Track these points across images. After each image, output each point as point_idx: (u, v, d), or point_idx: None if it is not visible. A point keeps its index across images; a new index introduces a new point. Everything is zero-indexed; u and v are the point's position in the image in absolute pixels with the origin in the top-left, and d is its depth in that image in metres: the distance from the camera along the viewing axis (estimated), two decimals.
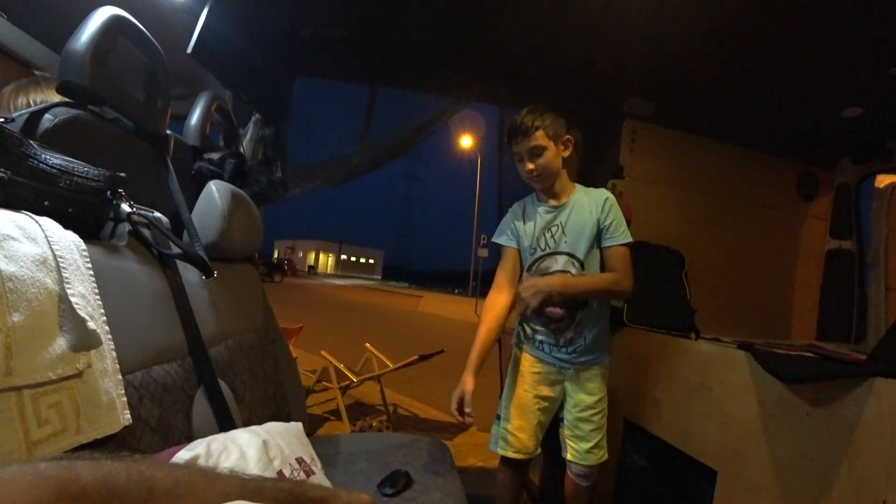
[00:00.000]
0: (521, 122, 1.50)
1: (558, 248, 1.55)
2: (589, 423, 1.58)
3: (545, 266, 1.57)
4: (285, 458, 0.84)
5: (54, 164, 0.75)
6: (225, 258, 1.28)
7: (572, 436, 1.59)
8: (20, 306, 0.59)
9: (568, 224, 1.55)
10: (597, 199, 1.59)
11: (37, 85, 1.09)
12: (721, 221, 2.40)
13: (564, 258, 1.54)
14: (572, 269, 1.53)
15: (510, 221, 1.65)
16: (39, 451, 0.59)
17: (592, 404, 1.58)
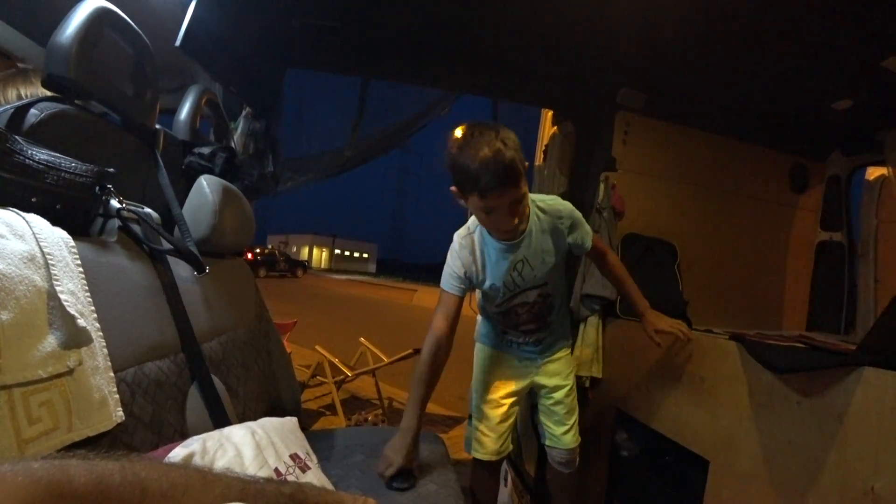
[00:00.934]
0: (507, 166, 1.15)
1: (526, 285, 1.45)
2: (562, 405, 1.61)
3: (517, 303, 1.49)
4: (280, 455, 0.84)
5: (41, 160, 0.74)
6: (217, 253, 1.27)
7: (549, 421, 1.62)
8: (8, 304, 0.59)
9: (531, 256, 1.39)
10: (554, 217, 1.42)
11: (24, 77, 1.07)
12: (713, 213, 2.42)
13: (535, 292, 1.47)
14: (539, 297, 1.49)
15: (460, 269, 1.39)
16: (31, 450, 0.58)
17: (563, 387, 1.61)
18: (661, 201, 2.31)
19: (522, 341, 1.57)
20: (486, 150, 1.14)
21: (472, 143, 1.17)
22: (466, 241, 1.39)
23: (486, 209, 1.22)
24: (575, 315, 2.12)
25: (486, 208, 1.21)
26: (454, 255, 1.41)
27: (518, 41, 1.89)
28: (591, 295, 2.03)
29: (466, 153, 1.17)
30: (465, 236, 1.40)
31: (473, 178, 1.16)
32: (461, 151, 1.18)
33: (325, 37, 1.87)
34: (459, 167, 1.19)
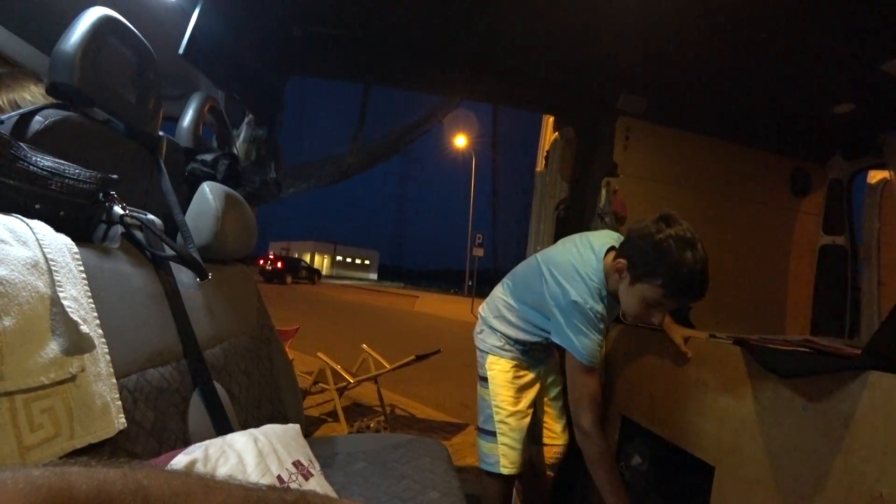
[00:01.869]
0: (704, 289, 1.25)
1: None
2: (560, 400, 1.68)
3: None
4: (283, 462, 0.83)
5: (45, 167, 0.74)
6: (219, 260, 1.27)
7: (549, 418, 1.64)
8: (11, 310, 0.59)
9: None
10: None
11: (14, 79, 1.07)
12: (714, 218, 2.41)
13: None
14: None
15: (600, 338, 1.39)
16: (32, 457, 0.58)
17: (560, 380, 1.66)
18: (662, 206, 2.28)
19: (543, 353, 1.57)
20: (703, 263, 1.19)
21: (688, 242, 1.19)
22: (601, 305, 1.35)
23: (661, 307, 1.25)
24: None
25: (664, 306, 1.25)
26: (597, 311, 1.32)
27: (519, 47, 1.90)
28: None
29: (683, 248, 1.17)
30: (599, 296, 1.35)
31: (687, 283, 1.18)
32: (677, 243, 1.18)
33: (326, 44, 1.88)
34: (680, 264, 1.17)
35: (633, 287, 1.22)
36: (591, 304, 1.29)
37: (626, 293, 1.25)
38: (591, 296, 1.29)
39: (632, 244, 1.24)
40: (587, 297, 1.29)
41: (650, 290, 1.19)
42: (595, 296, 1.30)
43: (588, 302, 1.29)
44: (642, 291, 1.20)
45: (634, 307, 1.25)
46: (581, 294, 1.29)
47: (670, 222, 1.21)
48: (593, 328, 1.29)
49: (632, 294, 1.23)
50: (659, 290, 1.18)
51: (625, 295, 1.26)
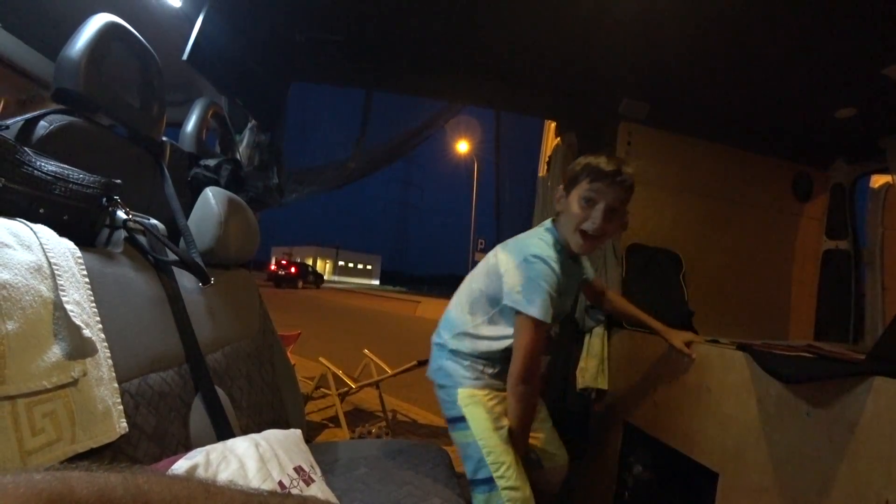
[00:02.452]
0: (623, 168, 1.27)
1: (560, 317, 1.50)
2: (547, 421, 1.65)
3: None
4: (284, 467, 0.83)
5: (49, 171, 0.75)
6: (221, 264, 1.27)
7: (541, 441, 1.57)
8: (14, 314, 0.59)
9: (574, 285, 1.49)
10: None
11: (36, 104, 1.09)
12: (717, 223, 2.41)
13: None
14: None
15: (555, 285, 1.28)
16: (34, 461, 0.58)
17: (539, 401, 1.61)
18: (664, 211, 2.30)
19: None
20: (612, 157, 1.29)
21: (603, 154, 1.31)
22: (556, 258, 1.29)
23: (590, 196, 1.26)
24: (580, 326, 2.11)
25: (590, 194, 1.26)
26: (550, 263, 1.27)
27: (521, 53, 1.90)
28: (595, 306, 2.02)
29: (598, 155, 1.30)
30: (552, 248, 1.31)
31: (594, 163, 1.27)
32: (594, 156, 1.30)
33: (328, 50, 1.89)
34: (580, 163, 1.30)
35: (569, 197, 1.32)
36: (547, 253, 1.28)
37: (567, 206, 1.32)
38: (547, 247, 1.31)
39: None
40: (542, 249, 1.29)
41: (580, 188, 1.28)
42: (550, 247, 1.31)
43: (544, 251, 1.28)
44: (577, 193, 1.29)
45: (576, 210, 1.29)
46: (536, 248, 1.30)
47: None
48: (547, 281, 1.24)
49: (570, 203, 1.31)
50: (585, 182, 1.28)
51: (566, 209, 1.32)
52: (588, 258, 2.08)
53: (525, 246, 1.32)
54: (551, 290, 1.25)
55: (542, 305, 1.23)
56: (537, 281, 1.24)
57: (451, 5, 1.62)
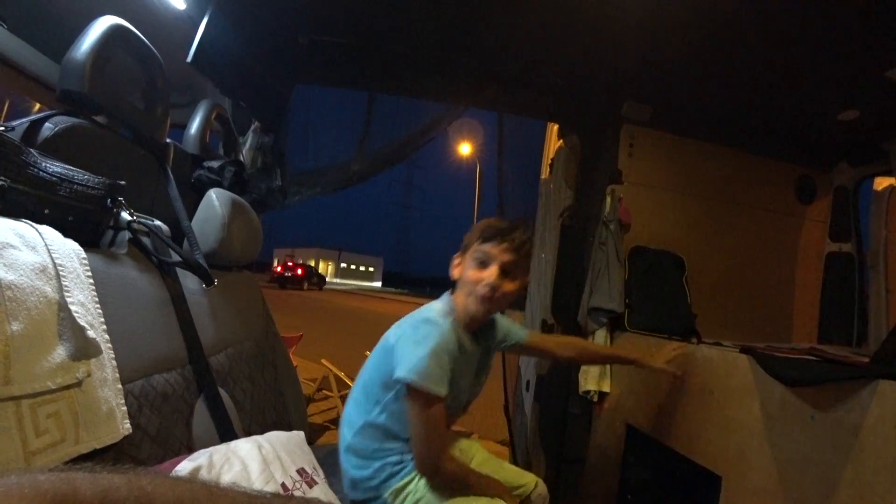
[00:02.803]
0: (518, 229, 1.21)
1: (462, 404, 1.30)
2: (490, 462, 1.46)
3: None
4: (287, 469, 0.83)
5: (54, 172, 0.75)
6: (224, 266, 1.28)
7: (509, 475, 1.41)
8: (19, 315, 0.59)
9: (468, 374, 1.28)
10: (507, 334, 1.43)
11: None
12: (720, 225, 2.40)
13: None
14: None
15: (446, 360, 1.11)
16: (37, 462, 0.58)
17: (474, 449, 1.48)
18: (667, 213, 2.30)
19: None
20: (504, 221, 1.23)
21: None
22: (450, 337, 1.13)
23: (483, 258, 1.19)
24: (582, 329, 2.10)
25: (483, 255, 1.19)
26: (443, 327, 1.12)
27: (523, 55, 1.90)
28: (598, 308, 2.02)
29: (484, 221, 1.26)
30: (447, 331, 1.13)
31: (483, 224, 1.23)
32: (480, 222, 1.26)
33: (331, 53, 1.90)
34: (474, 228, 1.24)
35: (465, 261, 1.24)
36: (439, 319, 1.16)
37: (464, 271, 1.24)
38: (439, 315, 1.19)
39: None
40: (435, 314, 1.18)
41: (473, 249, 1.22)
42: (444, 316, 1.19)
43: (436, 317, 1.17)
44: (471, 255, 1.22)
45: (469, 273, 1.20)
46: (427, 313, 1.19)
47: None
48: (439, 346, 1.09)
49: (467, 267, 1.23)
50: (478, 241, 1.21)
51: (464, 274, 1.23)
52: (592, 262, 2.09)
53: (417, 314, 1.21)
54: (444, 356, 1.09)
55: (432, 373, 1.05)
56: (426, 346, 1.07)
57: (455, 8, 1.62)
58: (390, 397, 1.15)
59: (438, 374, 1.06)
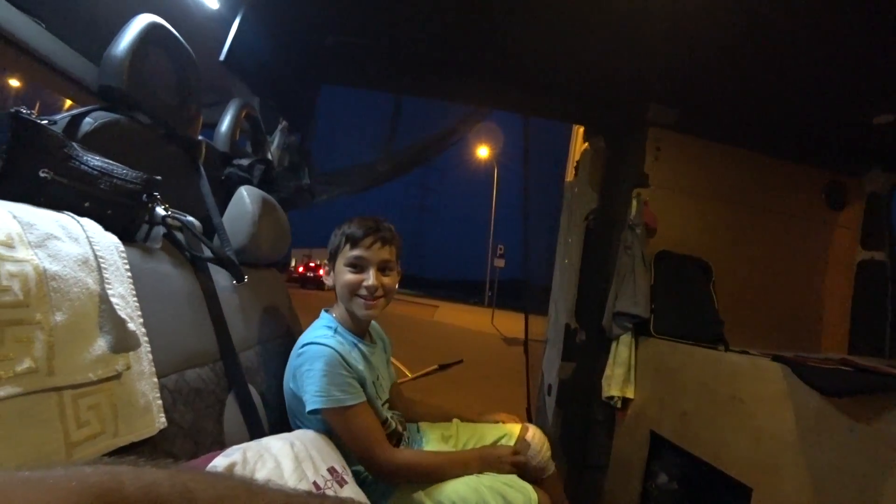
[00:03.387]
0: (380, 224, 1.21)
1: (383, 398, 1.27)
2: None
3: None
4: (318, 468, 0.82)
5: (94, 166, 0.76)
6: (253, 263, 1.28)
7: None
8: (63, 306, 0.59)
9: (381, 369, 1.30)
10: (383, 338, 1.43)
11: None
12: (747, 231, 2.35)
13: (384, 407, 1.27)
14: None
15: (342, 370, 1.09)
16: (78, 453, 0.58)
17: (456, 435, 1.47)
18: (693, 218, 2.26)
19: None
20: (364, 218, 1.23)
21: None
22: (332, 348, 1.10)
23: (354, 261, 1.18)
24: (607, 334, 2.08)
25: (356, 260, 1.18)
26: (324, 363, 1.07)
27: (549, 57, 1.89)
28: (623, 313, 1.99)
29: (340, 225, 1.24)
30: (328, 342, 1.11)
31: (346, 227, 1.21)
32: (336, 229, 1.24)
33: (357, 54, 1.91)
34: (336, 231, 1.23)
35: (336, 268, 1.23)
36: (319, 334, 1.15)
37: (337, 281, 1.22)
38: (320, 330, 1.18)
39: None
40: (313, 335, 1.16)
41: (343, 254, 1.20)
42: (326, 328, 1.19)
43: (314, 336, 1.14)
44: (341, 262, 1.21)
45: (347, 279, 1.19)
46: (306, 338, 1.16)
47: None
48: (324, 362, 1.07)
49: (339, 273, 1.21)
50: (346, 247, 1.20)
51: (338, 285, 1.22)
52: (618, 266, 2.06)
53: (299, 340, 1.17)
54: (337, 368, 1.07)
55: (333, 390, 1.05)
56: (315, 367, 1.06)
57: (480, 11, 1.62)
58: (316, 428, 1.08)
59: (340, 386, 1.06)
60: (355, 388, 1.09)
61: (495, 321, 13.85)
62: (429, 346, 8.23)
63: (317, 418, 1.07)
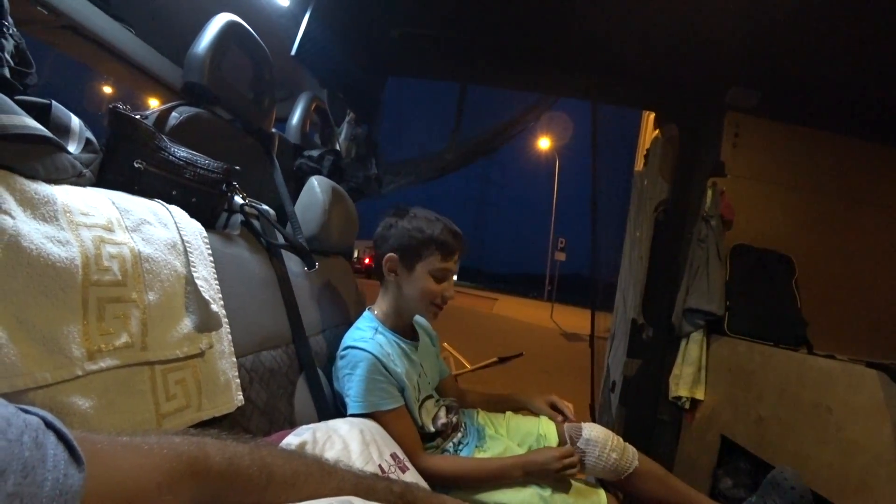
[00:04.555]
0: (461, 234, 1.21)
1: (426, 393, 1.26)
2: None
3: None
4: (382, 453, 0.84)
5: (181, 157, 0.81)
6: (323, 251, 1.32)
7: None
8: (155, 286, 0.64)
9: (426, 364, 1.29)
10: (430, 332, 1.42)
11: None
12: (837, 225, 2.16)
13: (431, 402, 1.26)
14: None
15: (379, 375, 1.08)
16: (167, 424, 0.63)
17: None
18: (775, 210, 2.11)
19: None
20: (449, 226, 1.19)
21: (426, 212, 1.20)
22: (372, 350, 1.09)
23: (442, 274, 1.18)
24: (676, 331, 1.99)
25: (443, 272, 1.18)
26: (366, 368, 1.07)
27: (619, 40, 1.81)
28: (695, 309, 1.89)
29: (427, 217, 1.18)
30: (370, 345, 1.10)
31: (438, 234, 1.16)
32: (410, 221, 1.18)
33: (423, 46, 1.91)
34: (413, 231, 1.16)
35: (413, 273, 1.18)
36: (361, 336, 1.13)
37: (411, 283, 1.18)
38: (364, 335, 1.14)
39: (387, 244, 1.19)
40: (355, 338, 1.13)
41: (430, 262, 1.16)
42: (370, 332, 1.15)
43: (356, 340, 1.12)
44: (425, 268, 1.17)
45: (423, 288, 1.17)
46: (348, 340, 1.14)
47: (405, 208, 1.23)
48: (371, 371, 1.07)
49: (415, 279, 1.17)
50: (436, 254, 1.16)
51: (411, 286, 1.18)
52: (690, 260, 1.96)
53: (343, 342, 1.16)
54: (376, 375, 1.07)
55: (372, 396, 1.05)
56: (357, 373, 1.06)
57: None
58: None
59: (377, 392, 1.06)
60: (392, 394, 1.09)
61: (554, 316, 13.63)
62: (488, 338, 8.23)
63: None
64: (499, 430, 1.37)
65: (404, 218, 1.19)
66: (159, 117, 0.89)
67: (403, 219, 1.19)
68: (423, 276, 1.17)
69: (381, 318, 1.21)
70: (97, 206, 0.60)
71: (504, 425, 1.39)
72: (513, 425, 1.39)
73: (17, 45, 0.60)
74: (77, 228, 0.55)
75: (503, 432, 1.37)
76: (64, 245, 0.52)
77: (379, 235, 1.21)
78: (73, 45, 1.27)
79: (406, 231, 1.17)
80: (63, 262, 0.51)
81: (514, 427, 1.38)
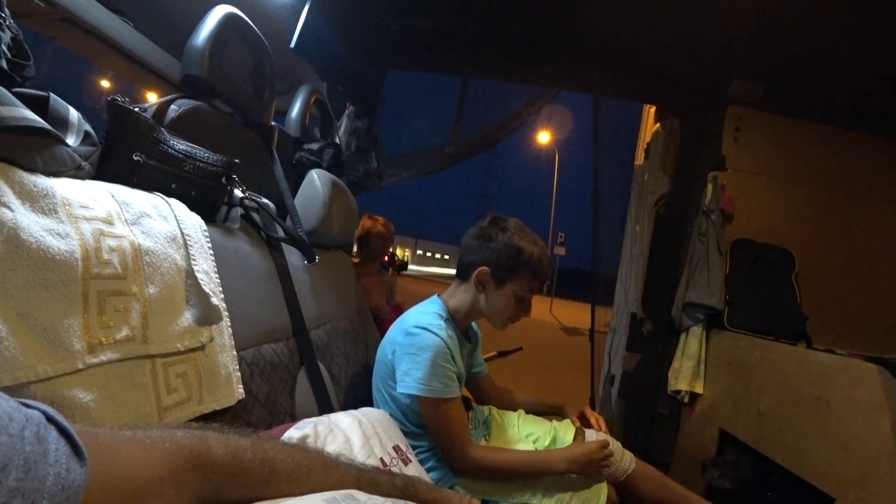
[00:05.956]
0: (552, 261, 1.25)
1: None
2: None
3: None
4: (384, 446, 0.85)
5: (180, 150, 0.80)
6: (323, 244, 1.32)
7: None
8: (155, 279, 0.63)
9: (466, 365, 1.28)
10: (478, 335, 1.46)
11: None
12: (838, 219, 2.16)
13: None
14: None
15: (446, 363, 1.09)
16: (168, 417, 0.63)
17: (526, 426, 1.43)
18: (776, 204, 2.10)
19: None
20: (536, 241, 1.21)
21: (526, 232, 1.21)
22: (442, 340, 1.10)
23: (528, 296, 1.20)
24: (676, 325, 1.99)
25: (529, 293, 1.20)
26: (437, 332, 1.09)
27: (621, 32, 1.80)
28: (695, 303, 1.90)
29: (527, 238, 1.19)
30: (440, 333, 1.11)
31: (536, 261, 1.17)
32: (521, 236, 1.19)
33: (424, 38, 1.90)
34: (513, 250, 1.17)
35: (501, 289, 1.19)
36: (433, 322, 1.12)
37: (495, 298, 1.20)
38: (433, 318, 1.15)
39: (482, 254, 1.19)
40: (427, 319, 1.13)
41: (521, 284, 1.18)
42: (440, 320, 1.15)
43: (428, 322, 1.12)
44: (513, 288, 1.18)
45: (506, 306, 1.19)
46: (419, 319, 1.14)
47: (505, 220, 1.23)
48: (439, 357, 1.07)
49: (501, 295, 1.19)
50: (528, 279, 1.18)
51: (494, 301, 1.20)
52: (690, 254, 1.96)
53: (408, 319, 1.17)
54: (443, 362, 1.08)
55: (437, 381, 1.06)
56: (424, 355, 1.07)
57: None
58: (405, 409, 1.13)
59: (442, 378, 1.07)
60: (454, 383, 1.10)
61: (553, 310, 13.63)
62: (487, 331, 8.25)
63: (407, 396, 1.09)
64: (507, 423, 1.40)
65: (505, 232, 1.18)
66: (158, 110, 0.88)
67: (505, 233, 1.18)
68: (510, 295, 1.19)
69: (452, 311, 1.23)
70: (96, 198, 0.60)
71: (514, 424, 1.42)
72: (522, 423, 1.42)
73: (14, 36, 0.59)
74: (77, 221, 0.55)
75: (511, 428, 1.39)
76: (64, 238, 0.52)
77: (472, 244, 1.21)
78: (71, 37, 1.26)
79: (505, 247, 1.17)
80: (63, 255, 0.51)
81: (523, 425, 1.41)
